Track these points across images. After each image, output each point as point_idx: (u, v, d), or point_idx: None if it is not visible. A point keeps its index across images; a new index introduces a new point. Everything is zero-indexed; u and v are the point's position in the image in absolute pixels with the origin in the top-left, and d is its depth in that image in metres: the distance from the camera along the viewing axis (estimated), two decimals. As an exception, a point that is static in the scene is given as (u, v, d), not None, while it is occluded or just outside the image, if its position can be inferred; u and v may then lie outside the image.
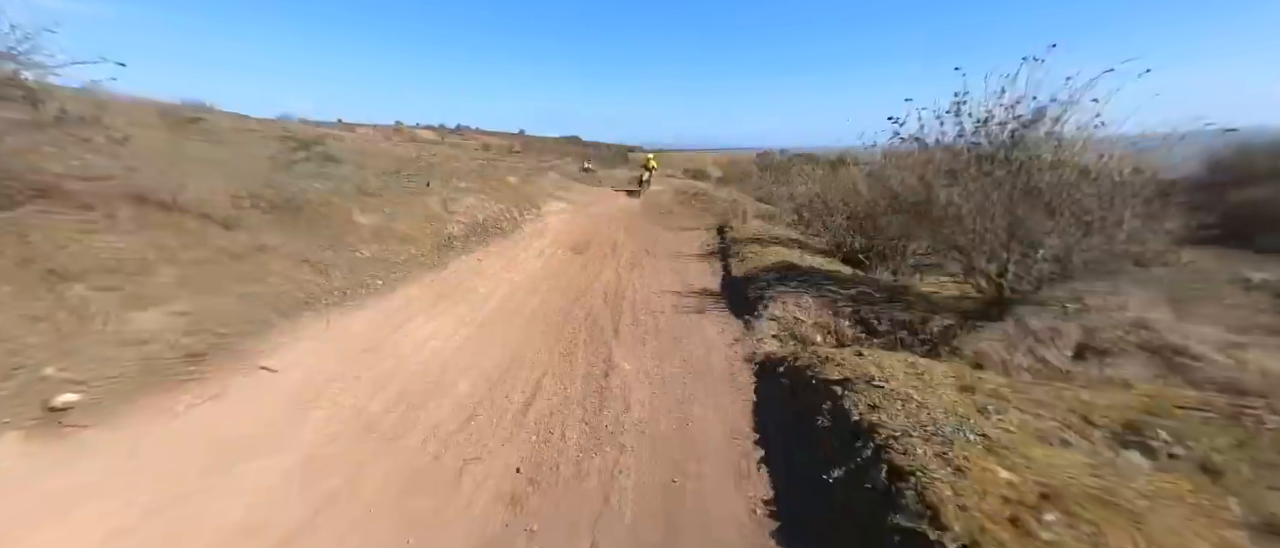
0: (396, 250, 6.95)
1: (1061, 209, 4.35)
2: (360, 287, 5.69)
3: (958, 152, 5.11)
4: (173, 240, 4.70)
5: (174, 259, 4.50)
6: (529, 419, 3.80)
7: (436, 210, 8.91)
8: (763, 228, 11.14)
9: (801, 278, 6.64)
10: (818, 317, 5.52)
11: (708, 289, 7.10)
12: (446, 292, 6.32)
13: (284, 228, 5.91)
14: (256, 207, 5.91)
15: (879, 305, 5.59)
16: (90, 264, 4.00)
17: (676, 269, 8.34)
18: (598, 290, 6.95)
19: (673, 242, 10.52)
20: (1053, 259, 4.43)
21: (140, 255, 4.34)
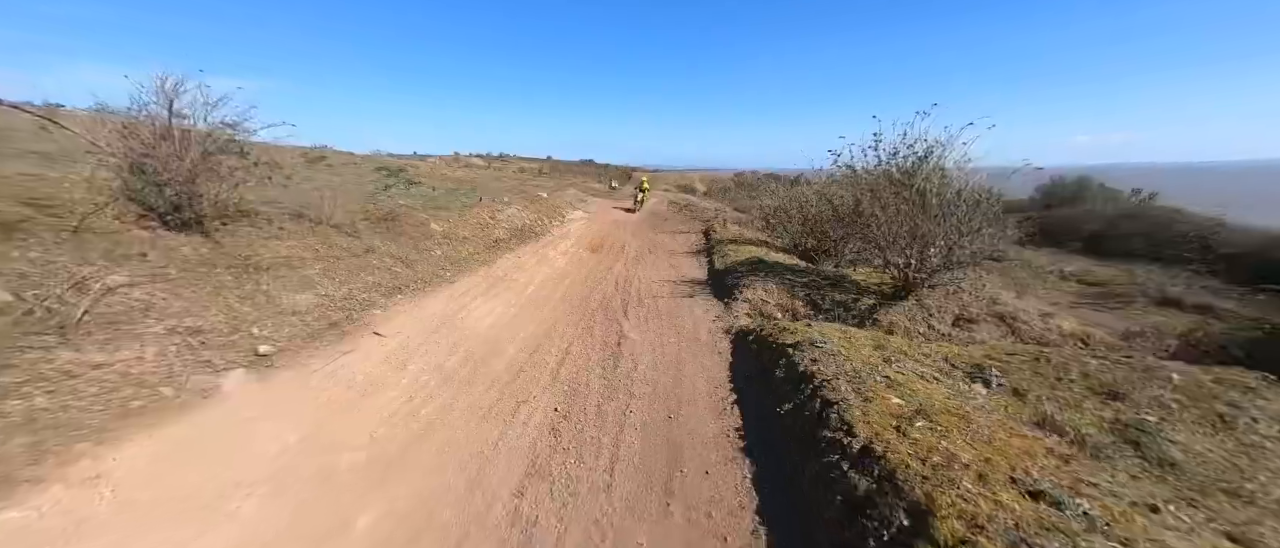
0: (459, 250, 7.37)
1: (944, 219, 4.75)
2: (435, 277, 6.12)
3: (876, 176, 5.50)
4: (317, 245, 5.15)
5: (318, 257, 4.95)
6: (562, 374, 4.21)
7: (486, 219, 9.32)
8: (739, 232, 11.52)
9: (768, 270, 7.03)
10: (779, 299, 5.92)
11: (696, 279, 7.50)
12: (496, 281, 6.74)
13: (384, 234, 6.35)
14: (366, 219, 6.36)
15: (824, 290, 6.00)
16: (271, 261, 4.46)
17: (672, 264, 8.74)
18: (610, 280, 7.35)
19: (669, 243, 10.91)
20: (940, 256, 4.83)
21: (298, 255, 4.80)
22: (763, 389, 3.57)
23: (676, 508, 2.39)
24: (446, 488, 2.58)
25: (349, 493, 2.50)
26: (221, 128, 4.30)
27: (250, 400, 3.13)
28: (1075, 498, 1.75)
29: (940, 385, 2.98)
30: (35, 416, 2.51)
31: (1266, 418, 2.88)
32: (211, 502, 2.33)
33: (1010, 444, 2.19)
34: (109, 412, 2.69)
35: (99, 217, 3.83)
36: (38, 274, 3.15)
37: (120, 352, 3.05)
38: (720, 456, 2.84)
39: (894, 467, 1.98)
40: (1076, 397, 3.04)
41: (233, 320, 3.72)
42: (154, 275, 3.67)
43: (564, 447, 3.03)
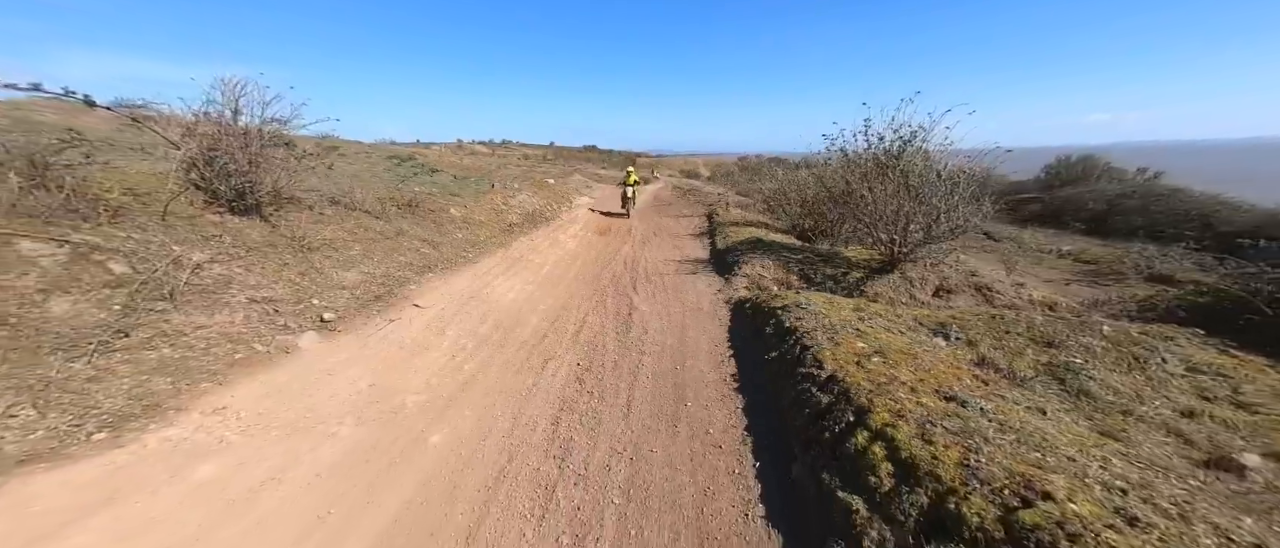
0: (477, 233, 8.01)
1: (925, 199, 5.32)
2: (458, 258, 6.76)
3: (865, 160, 6.07)
4: (355, 228, 5.80)
5: (356, 239, 5.60)
6: (581, 338, 4.86)
7: (500, 205, 9.94)
8: (741, 215, 12.09)
9: (766, 249, 7.64)
10: (775, 274, 6.53)
11: (699, 258, 8.12)
12: (514, 262, 7.38)
13: (410, 218, 6.99)
14: (393, 204, 6.98)
15: (817, 265, 6.61)
16: (319, 242, 5.11)
17: (676, 245, 9.35)
18: (619, 260, 7.98)
19: (673, 225, 11.50)
20: (921, 231, 5.41)
21: (341, 237, 5.45)
22: (755, 344, 4.21)
23: (682, 428, 3.04)
24: (496, 418, 3.25)
25: (419, 421, 3.18)
26: (273, 124, 4.91)
27: (324, 356, 3.81)
28: (979, 401, 2.38)
29: (903, 337, 3.60)
30: (165, 363, 3.19)
31: (1175, 360, 3.50)
32: (316, 426, 3.00)
33: (944, 373, 2.82)
34: (219, 362, 3.36)
35: (176, 203, 4.48)
36: (143, 252, 3.80)
37: (216, 316, 3.72)
38: (718, 394, 3.49)
39: (848, 386, 2.62)
40: (1019, 346, 3.66)
41: (297, 292, 4.39)
42: (229, 254, 4.33)
43: (588, 391, 3.69)
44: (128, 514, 2.20)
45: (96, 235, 3.65)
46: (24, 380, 2.68)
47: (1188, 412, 3.01)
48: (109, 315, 3.24)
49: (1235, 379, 3.31)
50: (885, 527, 1.78)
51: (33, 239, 3.30)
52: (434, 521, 2.33)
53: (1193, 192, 16.97)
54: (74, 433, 2.55)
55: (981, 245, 13.76)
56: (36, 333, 2.93)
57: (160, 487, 2.38)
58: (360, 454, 2.80)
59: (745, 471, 2.57)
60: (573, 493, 2.51)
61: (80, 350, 2.96)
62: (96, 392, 2.81)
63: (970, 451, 1.90)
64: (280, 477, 2.55)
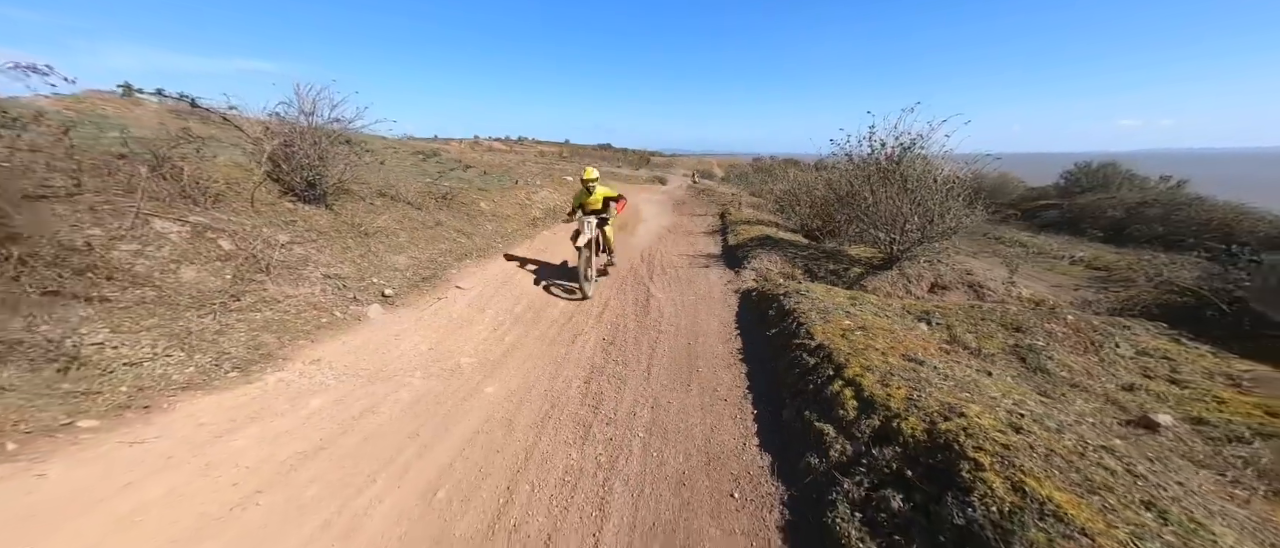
0: (505, 226, 8.75)
1: (923, 201, 5.90)
2: (490, 247, 7.51)
3: (868, 164, 6.66)
4: (401, 217, 6.58)
5: (403, 228, 6.37)
6: (604, 319, 5.54)
7: (524, 200, 10.69)
8: (753, 214, 12.68)
9: (775, 245, 8.25)
10: (781, 268, 7.15)
11: (711, 253, 8.76)
12: (540, 252, 8.09)
13: (446, 210, 7.76)
14: (431, 197, 7.76)
15: (821, 261, 7.22)
16: (374, 229, 5.89)
17: (690, 242, 10.00)
18: (636, 254, 8.65)
19: (687, 224, 12.15)
20: (918, 231, 5.99)
21: (390, 226, 6.22)
22: (759, 325, 4.85)
23: (694, 387, 3.71)
24: (537, 377, 3.95)
25: (474, 376, 3.88)
26: (337, 124, 5.69)
27: (389, 324, 4.55)
28: (935, 362, 3.00)
29: (887, 320, 4.22)
30: (269, 322, 3.94)
31: (1127, 345, 4.07)
32: (392, 377, 3.73)
33: (914, 345, 3.44)
34: (309, 324, 4.11)
35: (258, 192, 5.26)
36: (242, 232, 4.58)
37: (300, 287, 4.47)
38: (725, 362, 4.15)
39: (832, 351, 3.26)
40: (990, 330, 4.26)
41: (360, 271, 5.15)
42: (305, 237, 5.10)
43: (614, 359, 4.37)
44: (267, 428, 2.93)
45: (206, 217, 4.44)
46: (172, 330, 3.45)
47: (1128, 386, 3.59)
48: (223, 283, 4.01)
49: (1177, 362, 3.87)
50: (847, 442, 2.42)
51: (162, 219, 4.09)
52: (498, 442, 3.03)
53: (1216, 200, 17.09)
54: (215, 370, 3.30)
55: (993, 249, 14.18)
56: (175, 294, 3.71)
57: (286, 412, 3.11)
58: (431, 397, 3.52)
59: (744, 415, 3.23)
60: (605, 429, 3.19)
61: (207, 309, 3.73)
62: (224, 341, 3.57)
63: (915, 390, 2.53)
64: (374, 409, 3.27)
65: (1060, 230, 20.20)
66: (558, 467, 2.79)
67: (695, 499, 2.49)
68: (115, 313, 3.33)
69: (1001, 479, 1.77)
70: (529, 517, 2.39)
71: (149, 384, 2.96)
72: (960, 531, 1.67)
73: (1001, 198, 26.47)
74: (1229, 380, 3.60)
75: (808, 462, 2.47)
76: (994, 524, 1.61)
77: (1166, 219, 16.95)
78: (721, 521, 2.33)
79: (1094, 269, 13.41)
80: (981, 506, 1.69)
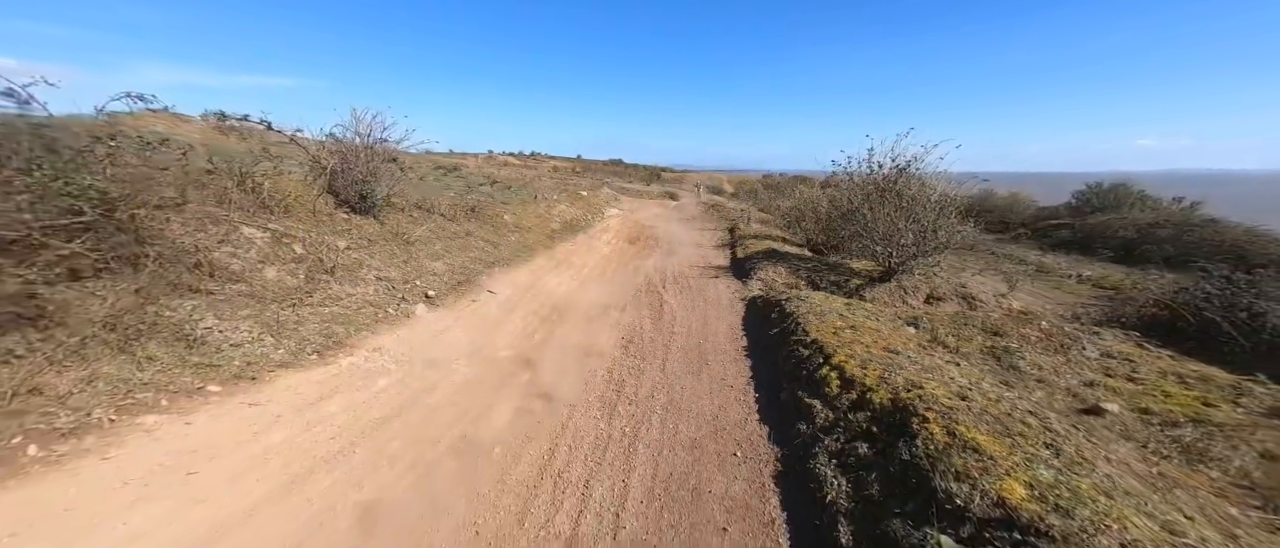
0: (527, 237, 9.47)
1: (918, 218, 6.50)
2: (515, 257, 8.20)
3: (869, 182, 7.29)
4: (436, 227, 7.32)
5: (438, 237, 7.10)
6: (622, 321, 6.16)
7: (543, 214, 11.44)
8: (761, 230, 13.32)
9: (780, 258, 8.86)
10: (786, 278, 7.75)
11: (721, 265, 9.38)
12: (560, 262, 8.79)
13: (475, 221, 8.50)
14: (461, 210, 8.51)
15: (824, 273, 7.81)
16: (415, 238, 6.62)
17: (700, 255, 10.64)
18: (649, 265, 9.30)
19: (698, 238, 12.81)
20: (914, 246, 6.58)
21: (427, 235, 6.96)
22: (763, 327, 5.45)
23: (704, 376, 4.31)
24: (567, 367, 4.57)
25: (511, 365, 4.52)
26: (384, 144, 6.47)
27: (433, 321, 5.22)
28: (911, 353, 3.58)
29: (877, 323, 4.80)
30: (336, 316, 4.63)
31: (1094, 349, 4.60)
32: (443, 364, 4.37)
33: (896, 341, 4.02)
34: (368, 318, 4.79)
35: (318, 204, 6.02)
36: (309, 238, 5.31)
37: (358, 287, 5.17)
38: (731, 357, 4.75)
39: (823, 344, 3.86)
40: (971, 334, 4.82)
41: (405, 275, 5.85)
42: (358, 244, 5.82)
43: (633, 354, 4.99)
44: (348, 399, 3.58)
45: (281, 225, 5.18)
46: (262, 318, 4.14)
47: (1089, 382, 4.12)
48: (298, 281, 4.72)
49: (1137, 363, 4.40)
50: (830, 411, 3.01)
51: (248, 226, 4.83)
52: (538, 415, 3.64)
53: (1228, 222, 17.40)
54: (300, 354, 3.98)
55: (998, 268, 14.64)
56: (262, 289, 4.42)
57: (360, 388, 3.77)
58: (478, 380, 4.16)
59: (747, 397, 3.82)
60: (628, 408, 3.79)
61: (288, 302, 4.42)
62: (302, 330, 4.25)
63: (888, 372, 3.12)
64: (431, 389, 3.91)
65: (1071, 250, 20.54)
66: (590, 434, 3.40)
67: (705, 457, 3.08)
68: (218, 304, 4.03)
69: (940, 428, 2.35)
70: (569, 467, 3.00)
71: (253, 361, 3.64)
72: (905, 463, 2.25)
73: (1013, 217, 26.86)
74: (1178, 379, 4.12)
75: (798, 428, 3.06)
76: (929, 456, 2.19)
77: (1178, 240, 17.26)
78: (726, 471, 2.92)
79: (1101, 289, 13.80)
80: (922, 445, 2.27)
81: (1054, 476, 1.97)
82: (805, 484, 2.61)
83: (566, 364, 4.64)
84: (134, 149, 4.19)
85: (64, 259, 3.07)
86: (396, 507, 2.57)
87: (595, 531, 2.47)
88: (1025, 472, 1.99)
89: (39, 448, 2.47)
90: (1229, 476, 2.78)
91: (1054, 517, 1.72)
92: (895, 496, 2.14)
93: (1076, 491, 1.87)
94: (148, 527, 2.20)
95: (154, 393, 3.01)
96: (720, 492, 2.73)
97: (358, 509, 2.52)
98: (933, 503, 1.96)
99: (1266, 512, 2.48)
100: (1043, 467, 2.05)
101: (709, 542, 2.36)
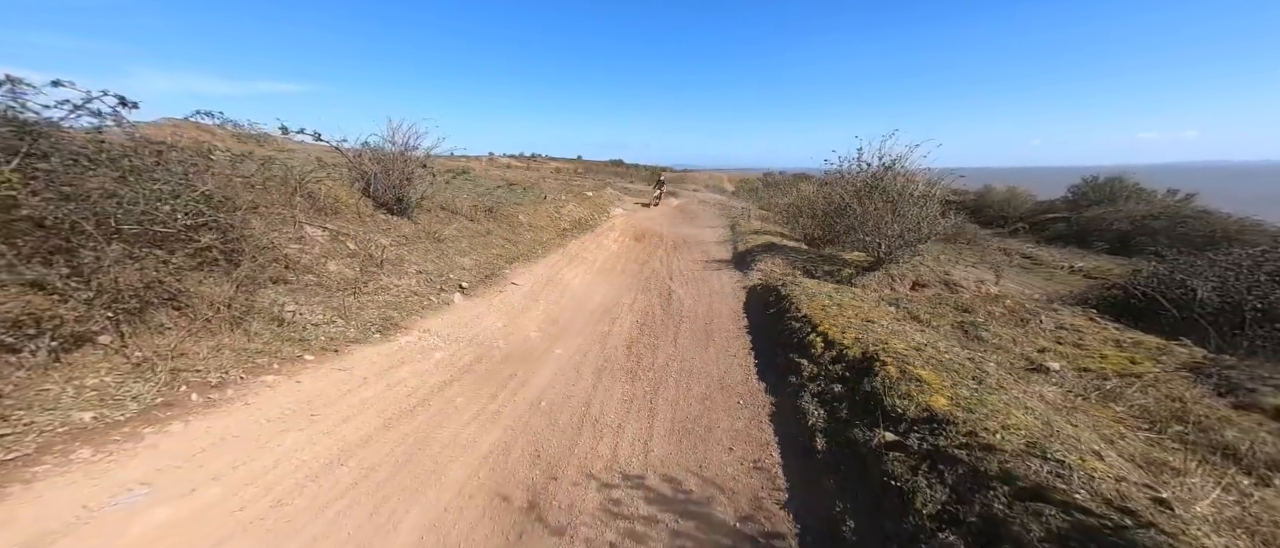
0: (541, 235, 10.26)
1: (903, 212, 7.29)
2: (531, 253, 8.99)
3: (859, 179, 8.08)
4: (462, 226, 8.12)
5: (464, 235, 7.90)
6: (636, 307, 6.95)
7: (553, 214, 12.23)
8: (760, 226, 14.10)
9: (778, 251, 9.65)
10: (783, 269, 8.53)
11: (722, 258, 10.17)
12: (573, 258, 9.57)
13: (493, 221, 9.30)
14: (480, 210, 9.31)
15: (818, 263, 8.59)
16: (445, 236, 7.41)
17: (703, 249, 11.43)
18: (656, 260, 10.10)
19: (700, 235, 13.59)
20: (899, 236, 7.36)
21: (454, 233, 7.75)
22: (761, 310, 6.24)
23: (710, 348, 5.09)
24: (590, 345, 5.35)
25: (543, 344, 5.30)
26: (415, 151, 7.27)
27: (469, 309, 6.00)
28: (885, 323, 4.36)
29: (861, 303, 5.58)
30: (389, 303, 5.41)
31: (1050, 322, 5.38)
32: (483, 343, 5.15)
33: (874, 315, 4.80)
34: (415, 305, 5.57)
35: (360, 206, 6.80)
36: (359, 236, 6.09)
37: (402, 279, 5.96)
38: (734, 335, 5.53)
39: (812, 316, 4.64)
40: (944, 311, 5.59)
41: (441, 269, 6.63)
42: (399, 242, 6.61)
43: (647, 333, 5.77)
44: (414, 368, 4.36)
45: (335, 225, 5.97)
46: (331, 304, 4.92)
47: (1041, 349, 4.90)
48: (355, 273, 5.51)
49: (1084, 333, 5.18)
50: (814, 366, 3.79)
51: (310, 226, 5.62)
52: (572, 380, 4.42)
53: (1220, 214, 18.17)
54: (367, 333, 4.76)
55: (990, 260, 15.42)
56: (327, 280, 5.20)
57: (421, 360, 4.54)
58: (515, 355, 4.94)
59: (748, 364, 4.60)
60: (648, 374, 4.57)
61: (349, 291, 5.21)
62: (364, 314, 5.03)
63: (862, 335, 3.89)
64: (479, 360, 4.69)
65: (1067, 243, 21.32)
66: (617, 393, 4.19)
67: (714, 406, 3.86)
68: (295, 292, 4.81)
69: (896, 368, 3.13)
70: (604, 415, 3.78)
71: (334, 337, 4.42)
72: (867, 393, 3.03)
73: (1011, 212, 27.65)
74: (1116, 344, 4.89)
75: (789, 380, 3.85)
76: (884, 386, 2.97)
77: (1171, 232, 18.04)
78: (731, 415, 3.70)
79: (1092, 279, 14.59)
80: (881, 380, 3.05)
81: (970, 393, 2.74)
82: (793, 417, 3.39)
83: (589, 343, 5.42)
84: (225, 161, 4.96)
85: (201, 252, 3.85)
86: (472, 441, 3.35)
87: (629, 454, 3.25)
88: (950, 391, 2.76)
89: (199, 396, 3.24)
90: (1131, 410, 3.55)
91: (961, 413, 2.49)
92: (858, 415, 2.92)
93: (984, 401, 2.65)
94: (297, 447, 2.98)
95: (268, 359, 3.80)
96: (726, 427, 3.51)
97: (441, 442, 3.30)
98: (882, 414, 2.74)
99: (1151, 432, 3.26)
100: (964, 389, 2.82)
101: (719, 457, 3.14)
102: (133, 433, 2.81)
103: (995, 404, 2.64)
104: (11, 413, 2.60)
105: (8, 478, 2.34)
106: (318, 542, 2.34)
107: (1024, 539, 1.70)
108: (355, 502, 2.62)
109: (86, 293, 3.03)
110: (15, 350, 2.81)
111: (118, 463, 2.59)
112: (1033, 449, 2.18)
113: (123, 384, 3.07)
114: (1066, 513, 1.76)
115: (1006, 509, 1.84)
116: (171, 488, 2.51)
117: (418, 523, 2.55)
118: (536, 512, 2.68)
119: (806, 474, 2.80)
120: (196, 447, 2.82)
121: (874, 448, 2.52)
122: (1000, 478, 1.99)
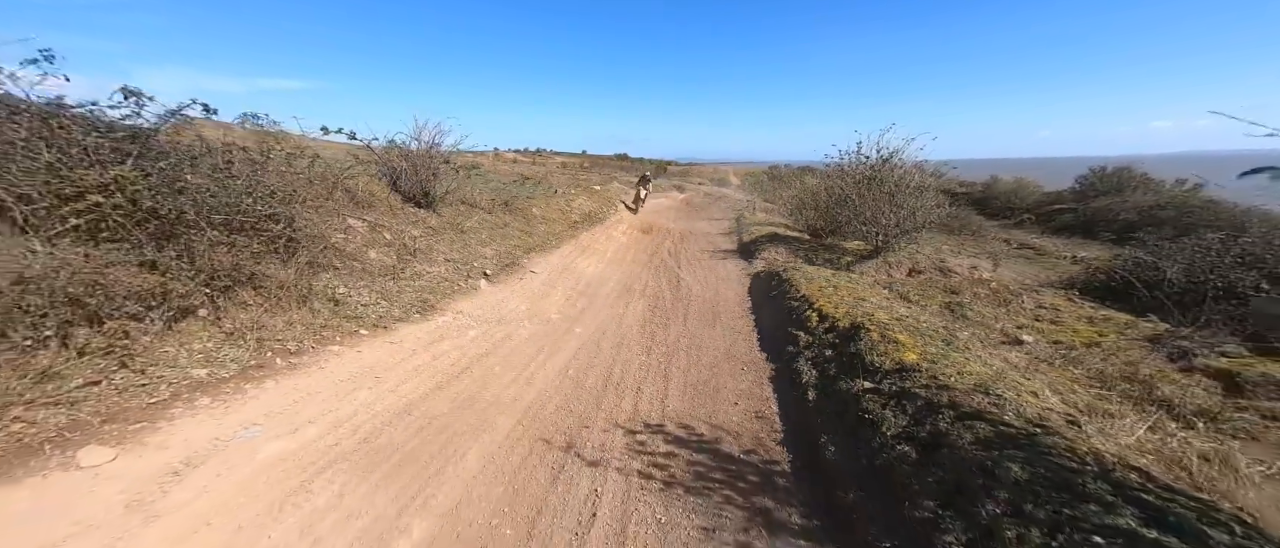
0: (553, 228, 10.86)
1: (900, 202, 7.82)
2: (546, 243, 9.59)
3: (859, 171, 8.61)
4: (482, 219, 8.72)
5: (484, 227, 8.51)
6: (647, 293, 7.54)
7: (564, 206, 12.82)
8: (765, 218, 14.64)
9: (782, 241, 10.20)
10: (785, 257, 9.09)
11: (728, 248, 10.74)
12: (584, 248, 10.17)
13: (510, 214, 9.91)
14: (496, 204, 9.92)
15: (819, 252, 9.14)
16: (467, 227, 8.03)
17: (710, 240, 12.00)
18: (665, 250, 10.68)
19: (706, 227, 14.16)
20: (896, 226, 7.89)
21: (475, 225, 8.36)
22: (764, 293, 6.81)
23: (717, 327, 5.68)
24: (607, 326, 5.95)
25: (563, 325, 5.90)
26: (438, 148, 7.87)
27: (494, 293, 6.61)
28: (875, 300, 4.92)
29: (857, 285, 6.14)
30: (423, 287, 6.03)
31: (1031, 302, 5.93)
32: (509, 323, 5.76)
33: (867, 295, 5.37)
34: (446, 290, 6.19)
35: (390, 200, 7.42)
36: (392, 227, 6.71)
37: (433, 266, 6.57)
38: (739, 315, 6.12)
39: (809, 296, 5.21)
40: (933, 294, 6.15)
41: (466, 257, 7.25)
42: (427, 232, 7.22)
43: (659, 315, 6.36)
44: (453, 342, 4.97)
45: (371, 217, 6.59)
46: (374, 288, 5.54)
47: (1020, 326, 5.45)
48: (392, 261, 6.13)
49: (1061, 311, 5.72)
50: (809, 337, 4.36)
51: (351, 217, 6.24)
52: (592, 352, 5.02)
53: (1227, 204, 18.50)
54: (408, 313, 5.37)
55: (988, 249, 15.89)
56: (370, 266, 5.82)
57: (457, 336, 5.16)
58: (540, 334, 5.54)
59: (751, 338, 5.19)
60: (660, 348, 5.16)
61: (388, 277, 5.83)
62: (404, 297, 5.65)
63: (852, 310, 4.46)
64: (508, 337, 5.30)
65: (1074, 233, 21.66)
66: (635, 364, 4.78)
67: (721, 372, 4.45)
68: (343, 277, 5.43)
69: (878, 333, 3.70)
70: (624, 380, 4.38)
71: (382, 316, 5.04)
72: (852, 354, 3.60)
73: (1018, 203, 27.95)
74: (1088, 321, 5.44)
75: (787, 350, 4.43)
76: (867, 347, 3.54)
77: (1178, 221, 18.38)
78: (736, 378, 4.28)
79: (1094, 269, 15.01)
80: (864, 343, 3.62)
81: (938, 351, 3.31)
82: (789, 379, 3.98)
83: (606, 323, 6.02)
84: (281, 160, 5.57)
85: (272, 240, 4.47)
86: (513, 399, 3.96)
87: (649, 409, 3.85)
88: (921, 349, 3.34)
89: (283, 361, 3.87)
90: (1088, 373, 4.11)
91: (926, 364, 3.06)
92: (843, 372, 3.50)
93: (948, 356, 3.22)
94: (370, 400, 3.59)
95: (331, 332, 4.42)
96: (732, 387, 4.10)
97: (486, 401, 3.90)
98: (863, 368, 3.31)
99: (1101, 389, 3.82)
100: (933, 347, 3.39)
101: (726, 410, 3.74)
102: (237, 388, 3.43)
103: (957, 359, 3.21)
104: (147, 368, 3.23)
105: (156, 416, 2.97)
106: (403, 465, 2.95)
107: (958, 444, 2.28)
108: (427, 439, 3.24)
109: (190, 272, 3.65)
110: (139, 319, 3.43)
111: (232, 409, 3.21)
112: (979, 388, 2.75)
113: (221, 349, 3.70)
114: (993, 426, 2.34)
115: (950, 426, 2.42)
116: (279, 427, 3.13)
117: (479, 456, 3.16)
118: (574, 450, 3.28)
119: (799, 419, 3.39)
120: (289, 399, 3.44)
121: (854, 394, 3.10)
122: (948, 406, 2.56)
